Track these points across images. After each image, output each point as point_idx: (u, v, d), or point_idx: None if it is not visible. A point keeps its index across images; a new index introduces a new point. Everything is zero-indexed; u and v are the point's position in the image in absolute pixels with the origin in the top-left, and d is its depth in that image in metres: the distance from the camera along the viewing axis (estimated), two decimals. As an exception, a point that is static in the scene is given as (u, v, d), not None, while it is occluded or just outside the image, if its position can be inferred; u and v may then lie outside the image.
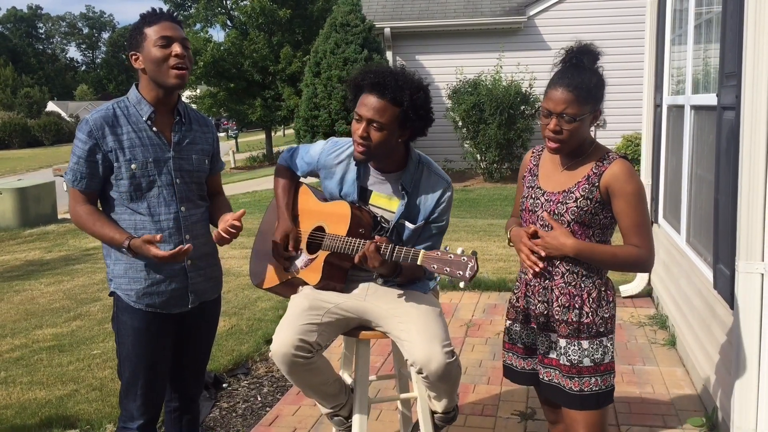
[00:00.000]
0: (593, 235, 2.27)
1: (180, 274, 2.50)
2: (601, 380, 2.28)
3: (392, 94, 2.50)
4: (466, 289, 6.03)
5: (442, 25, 15.16)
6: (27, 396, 4.01)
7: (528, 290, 2.39)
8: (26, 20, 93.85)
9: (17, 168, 28.37)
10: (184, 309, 2.54)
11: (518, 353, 2.48)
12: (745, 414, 2.82)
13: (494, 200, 12.58)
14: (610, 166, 2.23)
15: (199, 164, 2.56)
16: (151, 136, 2.43)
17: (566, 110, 2.16)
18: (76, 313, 5.82)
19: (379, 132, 2.53)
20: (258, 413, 3.78)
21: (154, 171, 2.42)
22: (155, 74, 2.38)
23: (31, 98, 60.88)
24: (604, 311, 2.29)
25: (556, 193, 2.29)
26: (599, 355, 2.27)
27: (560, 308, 2.29)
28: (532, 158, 2.47)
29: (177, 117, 2.51)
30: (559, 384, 2.33)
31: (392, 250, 2.44)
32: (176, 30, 2.41)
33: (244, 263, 6.94)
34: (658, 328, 4.83)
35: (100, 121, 2.37)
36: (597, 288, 2.29)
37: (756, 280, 2.72)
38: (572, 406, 2.30)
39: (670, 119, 5.06)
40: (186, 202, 2.49)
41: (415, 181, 2.69)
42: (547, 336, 2.36)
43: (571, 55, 2.24)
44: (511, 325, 2.49)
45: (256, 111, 24.40)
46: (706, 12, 4.08)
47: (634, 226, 2.22)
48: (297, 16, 24.54)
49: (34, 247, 9.41)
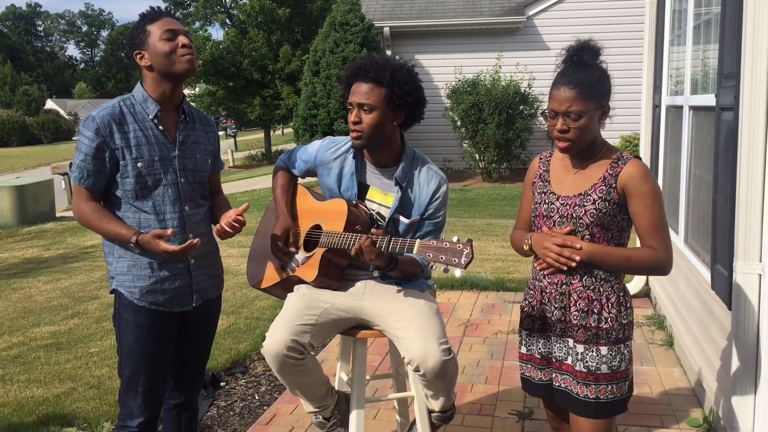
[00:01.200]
0: (612, 237, 2.24)
1: (184, 273, 2.50)
2: (617, 388, 2.24)
3: (374, 75, 2.57)
4: (465, 289, 6.03)
5: (442, 24, 15.17)
6: (24, 394, 4.00)
7: (543, 297, 2.33)
8: (25, 18, 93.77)
9: (15, 166, 28.34)
10: (187, 308, 2.54)
11: (535, 364, 2.41)
12: (742, 414, 2.82)
13: (493, 200, 12.59)
14: (625, 167, 2.20)
15: (203, 164, 2.57)
16: (158, 134, 2.44)
17: (570, 108, 2.14)
18: (73, 311, 5.81)
19: (369, 114, 2.59)
20: (255, 412, 3.78)
21: (160, 170, 2.43)
22: (165, 66, 2.39)
23: (29, 96, 60.78)
24: (623, 317, 2.25)
25: (572, 196, 2.25)
26: (617, 363, 2.23)
27: (578, 312, 2.24)
28: (540, 164, 2.43)
29: (182, 116, 2.51)
30: (572, 391, 2.28)
31: (388, 241, 2.45)
32: (178, 25, 2.45)
33: (242, 262, 6.94)
34: (656, 329, 4.84)
35: (107, 118, 2.36)
36: (616, 293, 2.25)
37: (754, 281, 2.73)
38: (586, 415, 2.25)
39: (669, 120, 5.07)
40: (189, 201, 2.50)
41: (410, 176, 2.72)
42: (565, 342, 2.30)
43: (572, 53, 2.23)
44: (527, 336, 2.42)
45: (255, 110, 24.37)
46: (705, 13, 4.08)
47: (650, 227, 2.18)
48: (296, 15, 24.52)
49: (32, 245, 9.40)
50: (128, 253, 2.44)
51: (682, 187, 4.38)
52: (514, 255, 7.24)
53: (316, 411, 2.84)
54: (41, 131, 47.74)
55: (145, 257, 2.43)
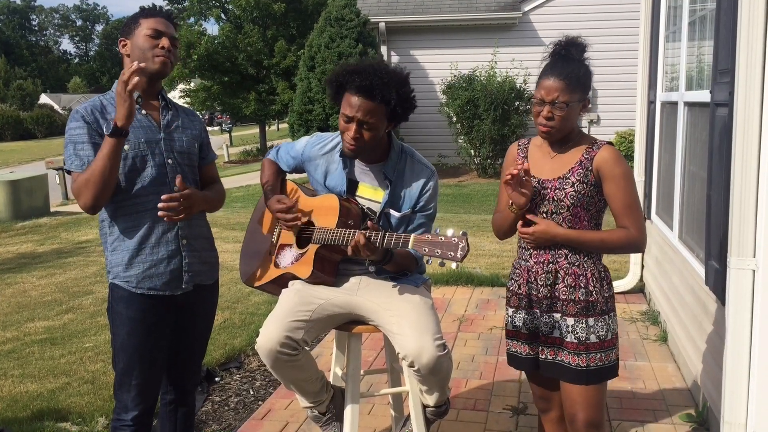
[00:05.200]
0: (592, 217, 2.39)
1: (177, 255, 2.52)
2: (605, 356, 2.40)
3: (381, 95, 2.53)
4: (459, 284, 6.04)
5: (437, 20, 15.14)
6: (18, 389, 4.00)
7: (530, 276, 2.46)
8: (19, 12, 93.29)
9: (9, 160, 28.22)
10: (180, 291, 2.55)
11: (522, 339, 2.52)
12: (735, 409, 2.83)
13: (488, 196, 12.59)
14: (599, 151, 2.36)
15: (189, 146, 2.60)
16: (141, 118, 2.49)
17: (558, 98, 2.29)
18: (68, 306, 5.80)
19: (370, 132, 2.57)
20: (250, 407, 3.78)
21: (147, 151, 2.47)
22: (139, 60, 2.42)
23: (23, 90, 60.47)
24: (605, 291, 2.41)
25: (551, 180, 2.39)
26: (603, 332, 2.39)
27: (567, 288, 2.39)
28: (519, 150, 2.55)
29: (163, 102, 2.57)
30: (562, 361, 2.41)
31: (383, 236, 2.45)
32: (169, 27, 2.51)
33: (237, 257, 6.91)
34: (650, 324, 4.85)
35: (89, 108, 2.44)
36: (597, 268, 2.41)
37: (747, 276, 2.73)
38: (578, 381, 2.39)
39: (664, 116, 5.08)
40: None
41: (399, 171, 2.71)
42: (551, 316, 2.44)
43: (560, 48, 2.39)
44: (514, 313, 2.53)
45: (250, 105, 24.30)
46: (700, 9, 4.09)
47: (623, 207, 2.34)
48: (291, 9, 24.43)
49: (26, 239, 9.37)
50: (122, 243, 2.46)
51: (676, 183, 4.39)
52: (510, 251, 7.24)
53: (311, 406, 2.84)
54: (35, 126, 47.52)
55: (134, 243, 2.45)
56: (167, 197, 2.39)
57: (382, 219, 2.72)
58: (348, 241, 2.52)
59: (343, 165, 2.74)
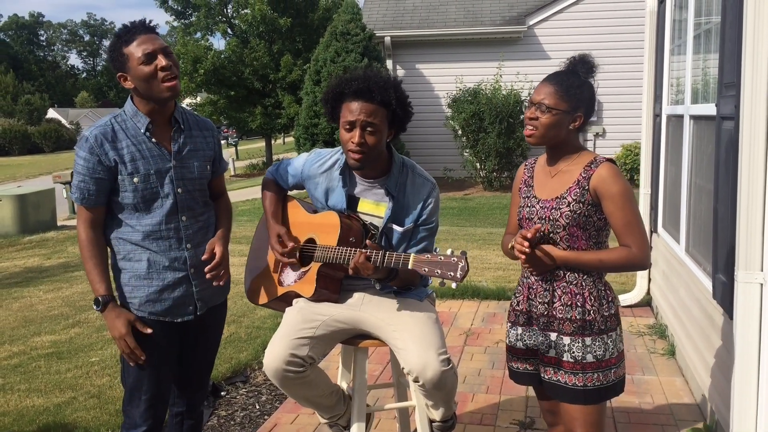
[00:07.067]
0: (590, 236, 2.35)
1: (184, 282, 2.50)
2: (603, 375, 2.35)
3: (380, 97, 2.54)
4: (466, 298, 6.03)
5: (443, 34, 15.21)
6: (25, 403, 4.00)
7: (530, 293, 2.45)
8: (27, 27, 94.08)
9: (17, 175, 28.37)
10: (189, 317, 2.54)
11: (520, 356, 2.51)
12: (744, 423, 2.81)
13: (493, 209, 12.58)
14: (597, 170, 2.32)
15: (201, 171, 2.56)
16: (151, 147, 2.44)
17: (544, 100, 2.30)
18: (74, 320, 5.81)
19: (374, 135, 2.56)
20: (256, 421, 3.77)
21: (157, 182, 2.43)
22: (147, 91, 2.38)
23: (31, 105, 60.92)
24: (605, 310, 2.36)
25: (549, 200, 2.38)
26: (601, 352, 2.34)
27: (563, 307, 2.36)
28: (525, 170, 2.56)
29: (175, 125, 2.51)
30: (559, 381, 2.39)
31: (383, 256, 2.45)
32: (155, 41, 2.37)
33: (242, 270, 6.92)
34: (658, 338, 4.83)
35: (99, 137, 2.38)
36: (597, 287, 2.37)
37: (755, 290, 2.72)
38: (575, 402, 2.36)
39: (670, 129, 5.07)
40: (187, 212, 2.50)
41: (401, 185, 2.70)
42: (547, 336, 2.41)
43: (569, 63, 2.40)
44: (512, 328, 2.53)
45: (256, 119, 24.39)
46: (705, 22, 4.09)
47: (623, 226, 2.30)
48: (297, 24, 24.56)
49: (33, 253, 9.40)
50: (128, 264, 2.46)
51: (683, 197, 4.38)
52: (516, 264, 7.23)
53: (331, 421, 2.83)
54: (43, 140, 47.82)
55: (143, 267, 2.44)
56: (209, 271, 2.49)
57: (383, 235, 2.71)
58: (348, 259, 2.52)
59: (342, 183, 2.73)
